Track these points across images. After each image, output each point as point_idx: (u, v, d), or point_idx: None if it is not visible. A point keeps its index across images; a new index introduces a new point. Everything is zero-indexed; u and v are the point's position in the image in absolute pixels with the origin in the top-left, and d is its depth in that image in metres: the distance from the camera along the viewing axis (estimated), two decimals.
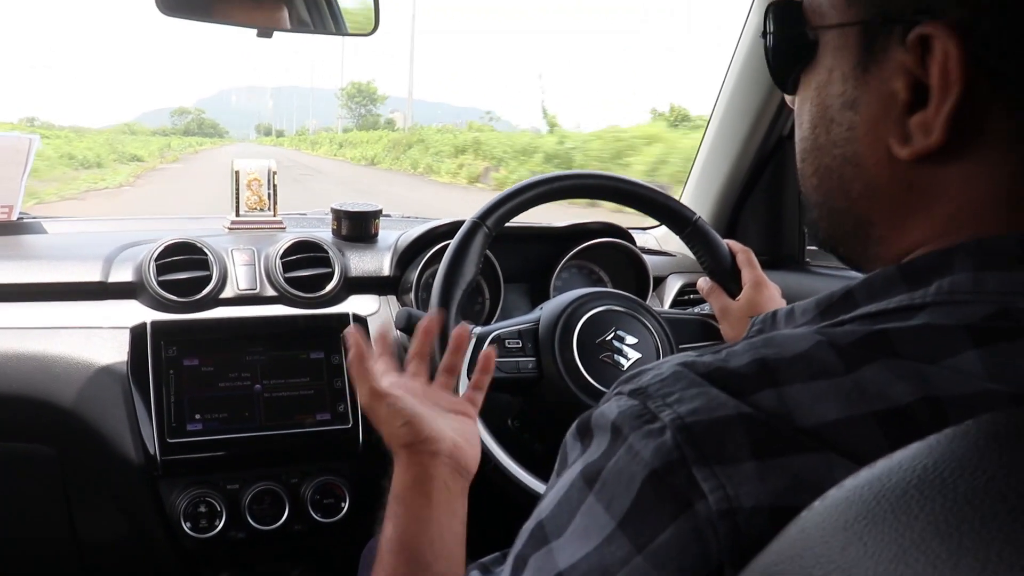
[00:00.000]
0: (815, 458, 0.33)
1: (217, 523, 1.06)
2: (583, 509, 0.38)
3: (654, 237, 1.54)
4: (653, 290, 1.35)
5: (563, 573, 0.37)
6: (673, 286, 1.39)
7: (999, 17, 0.37)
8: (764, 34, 0.49)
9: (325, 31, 1.20)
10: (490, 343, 0.96)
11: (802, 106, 0.47)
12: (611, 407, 0.39)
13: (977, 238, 0.38)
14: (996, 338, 0.35)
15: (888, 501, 0.27)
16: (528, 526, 0.41)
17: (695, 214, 1.07)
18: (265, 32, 1.00)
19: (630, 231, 1.40)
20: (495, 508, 0.87)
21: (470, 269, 0.98)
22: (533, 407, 0.99)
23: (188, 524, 1.05)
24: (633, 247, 1.33)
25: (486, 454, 0.90)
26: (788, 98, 0.50)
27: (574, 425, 0.42)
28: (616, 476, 0.36)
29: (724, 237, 1.08)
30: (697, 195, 1.53)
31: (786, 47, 0.47)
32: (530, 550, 0.40)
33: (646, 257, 1.34)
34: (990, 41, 0.37)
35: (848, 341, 0.36)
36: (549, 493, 0.41)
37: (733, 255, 1.06)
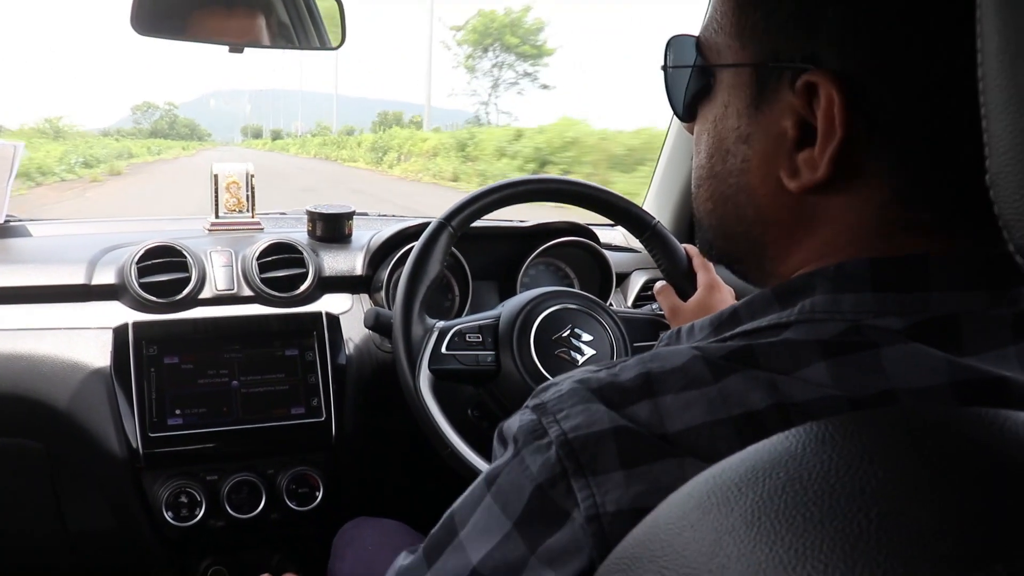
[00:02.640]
0: (673, 463, 0.38)
1: (197, 512, 1.12)
2: (482, 506, 0.44)
3: (620, 233, 1.60)
4: (617, 286, 1.40)
5: (476, 568, 0.43)
6: (637, 282, 1.45)
7: (872, 71, 0.41)
8: (663, 67, 0.53)
9: (299, 46, 1.25)
10: (451, 337, 1.01)
11: (700, 135, 0.52)
12: (515, 420, 0.45)
13: (837, 263, 0.43)
14: (844, 351, 0.40)
15: (715, 495, 0.31)
16: (444, 515, 0.47)
17: (654, 219, 1.13)
18: (237, 48, 1.04)
19: (597, 227, 1.45)
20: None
21: (434, 267, 1.03)
22: (491, 398, 1.04)
23: (170, 513, 1.11)
24: (596, 245, 1.38)
25: (443, 441, 0.96)
26: (685, 125, 0.55)
27: (496, 432, 0.47)
28: (510, 483, 0.43)
29: (685, 238, 1.12)
30: (659, 199, 1.58)
31: (684, 80, 0.51)
32: (442, 535, 0.47)
33: (610, 254, 1.40)
34: (866, 91, 0.41)
35: (718, 355, 0.42)
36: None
37: (690, 258, 1.12)
